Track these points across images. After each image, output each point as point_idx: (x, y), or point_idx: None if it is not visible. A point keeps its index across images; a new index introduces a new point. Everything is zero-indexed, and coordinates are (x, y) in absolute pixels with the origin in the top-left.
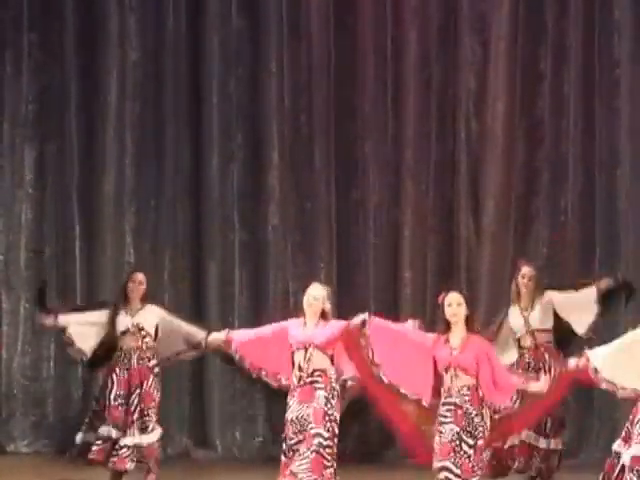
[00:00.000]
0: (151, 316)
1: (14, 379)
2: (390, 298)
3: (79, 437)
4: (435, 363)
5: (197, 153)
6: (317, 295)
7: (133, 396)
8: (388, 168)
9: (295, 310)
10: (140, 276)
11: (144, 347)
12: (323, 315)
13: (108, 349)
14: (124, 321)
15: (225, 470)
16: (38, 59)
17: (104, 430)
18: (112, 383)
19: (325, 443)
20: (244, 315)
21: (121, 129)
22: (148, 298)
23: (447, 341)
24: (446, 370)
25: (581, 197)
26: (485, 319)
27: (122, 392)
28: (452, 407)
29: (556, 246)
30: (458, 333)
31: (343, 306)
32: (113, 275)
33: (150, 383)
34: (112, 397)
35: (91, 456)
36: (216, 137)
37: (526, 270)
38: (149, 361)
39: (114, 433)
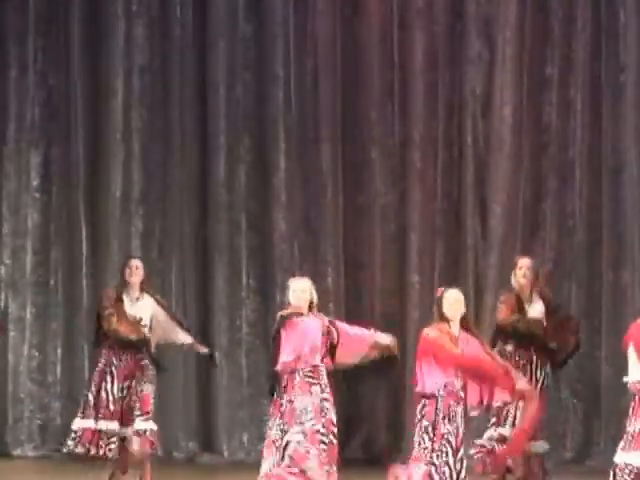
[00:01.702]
0: (148, 307)
1: (21, 383)
2: (397, 302)
3: (77, 424)
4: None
5: (204, 157)
6: (304, 287)
7: (127, 388)
8: (395, 172)
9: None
10: (135, 262)
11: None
12: (310, 307)
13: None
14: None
15: (231, 475)
16: (44, 63)
17: (104, 424)
18: (111, 376)
19: (322, 439)
20: (251, 318)
21: (128, 133)
22: (147, 285)
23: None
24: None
25: (588, 201)
26: (491, 320)
27: (119, 385)
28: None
29: (563, 250)
30: (456, 329)
31: (350, 310)
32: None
33: (141, 377)
34: (115, 391)
35: (100, 453)
36: (223, 141)
37: (522, 262)
38: (142, 354)
39: (117, 427)
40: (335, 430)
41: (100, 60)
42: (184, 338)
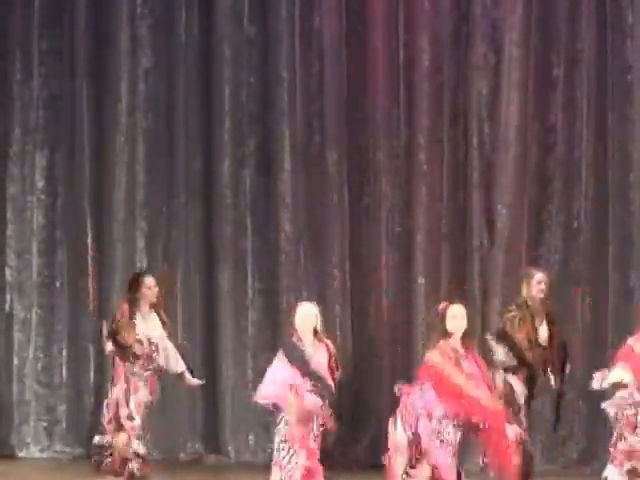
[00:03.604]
0: (157, 326)
1: (26, 385)
2: (403, 304)
3: (97, 440)
4: None
5: (209, 159)
6: (309, 313)
7: (133, 405)
8: (400, 174)
9: None
10: (150, 281)
11: (146, 356)
12: (315, 333)
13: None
14: (139, 329)
15: (238, 476)
16: (49, 66)
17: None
18: (129, 393)
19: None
20: (256, 321)
21: (133, 135)
22: (158, 305)
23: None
24: None
25: (594, 202)
26: (498, 323)
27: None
28: None
29: (569, 252)
30: (457, 345)
31: (356, 312)
32: (125, 281)
33: (140, 392)
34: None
35: (105, 468)
36: (228, 143)
37: (540, 277)
38: (147, 371)
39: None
40: None
41: (104, 62)
42: (176, 367)
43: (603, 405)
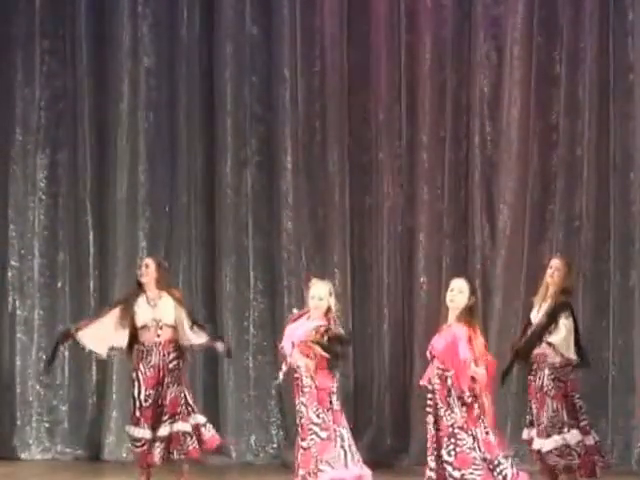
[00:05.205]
0: (169, 306)
1: (28, 386)
2: (405, 303)
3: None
4: None
5: (211, 159)
6: (322, 295)
7: (159, 392)
8: (402, 173)
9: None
10: (147, 260)
11: (163, 341)
12: (327, 310)
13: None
14: (144, 314)
15: (239, 476)
16: (50, 66)
17: (139, 432)
18: (139, 383)
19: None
20: (258, 320)
21: (134, 135)
22: (164, 284)
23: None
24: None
25: (596, 201)
26: (499, 321)
27: (150, 391)
28: (430, 394)
29: (571, 250)
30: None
31: (357, 311)
32: (127, 281)
33: (168, 380)
34: (142, 398)
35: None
36: (230, 143)
37: (553, 262)
38: (168, 355)
39: (149, 434)
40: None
41: (106, 62)
42: (195, 339)
43: None
